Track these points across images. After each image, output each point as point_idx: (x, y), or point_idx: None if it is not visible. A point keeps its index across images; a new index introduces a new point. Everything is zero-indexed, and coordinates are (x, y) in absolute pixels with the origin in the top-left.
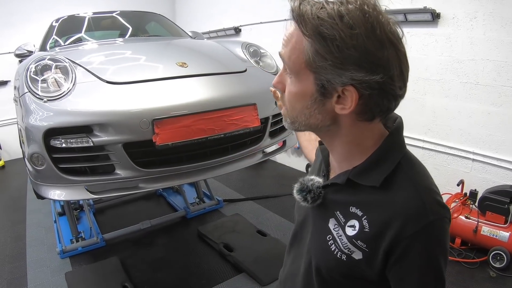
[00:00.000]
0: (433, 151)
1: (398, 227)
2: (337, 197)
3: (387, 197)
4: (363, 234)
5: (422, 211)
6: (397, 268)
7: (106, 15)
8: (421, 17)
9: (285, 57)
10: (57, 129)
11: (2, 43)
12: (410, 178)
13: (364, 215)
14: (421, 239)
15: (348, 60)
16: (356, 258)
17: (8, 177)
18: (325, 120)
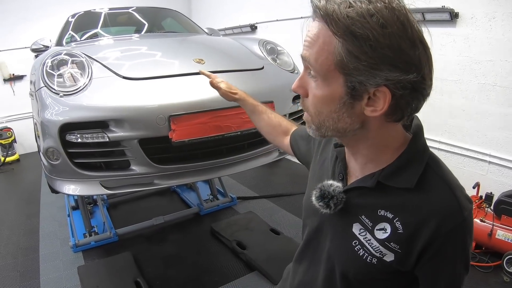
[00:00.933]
0: (449, 153)
1: (436, 225)
2: (361, 201)
3: (421, 197)
4: (396, 235)
5: (457, 208)
6: (432, 264)
7: (122, 11)
8: (439, 17)
9: (311, 59)
10: (72, 124)
11: (18, 38)
12: (441, 177)
13: (396, 217)
14: (457, 235)
15: (382, 60)
16: (387, 260)
17: (22, 171)
18: (354, 124)
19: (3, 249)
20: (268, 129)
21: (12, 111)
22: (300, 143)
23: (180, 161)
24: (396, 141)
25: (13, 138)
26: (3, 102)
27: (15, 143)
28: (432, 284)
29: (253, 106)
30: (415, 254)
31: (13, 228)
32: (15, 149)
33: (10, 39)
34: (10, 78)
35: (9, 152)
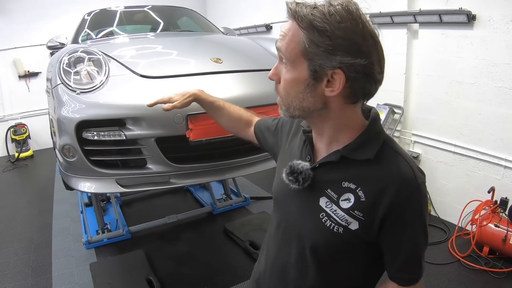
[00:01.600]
0: (464, 156)
1: (394, 192)
2: (326, 176)
3: (380, 168)
4: (359, 204)
5: (412, 176)
6: (393, 229)
7: (137, 10)
8: (456, 19)
9: (283, 49)
10: (89, 121)
11: (34, 35)
12: (396, 151)
13: (358, 187)
14: (414, 200)
15: (337, 47)
16: (352, 228)
17: (36, 167)
18: (316, 103)
19: (16, 244)
20: (230, 123)
21: (27, 108)
22: (266, 134)
23: (196, 161)
24: (356, 123)
25: (28, 134)
26: (18, 98)
27: (29, 139)
28: (394, 250)
29: (210, 103)
30: (377, 221)
31: (26, 223)
32: (29, 145)
33: (26, 36)
34: (25, 75)
35: (23, 148)
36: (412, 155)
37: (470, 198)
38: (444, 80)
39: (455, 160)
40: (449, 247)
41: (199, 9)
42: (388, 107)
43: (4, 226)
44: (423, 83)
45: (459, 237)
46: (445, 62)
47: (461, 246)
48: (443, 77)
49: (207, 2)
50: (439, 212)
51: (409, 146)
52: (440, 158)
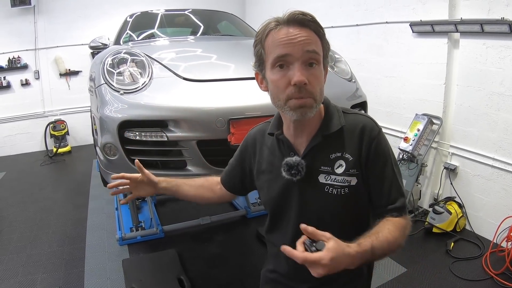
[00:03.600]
0: (502, 171)
1: (367, 138)
2: (315, 158)
3: (350, 128)
4: (350, 163)
5: (374, 124)
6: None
7: (178, 13)
8: (497, 29)
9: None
10: (132, 121)
11: (76, 35)
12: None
13: (343, 152)
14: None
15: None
16: (354, 184)
17: (73, 162)
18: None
19: (51, 236)
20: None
21: (67, 105)
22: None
23: None
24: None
25: (66, 130)
26: (59, 95)
27: (67, 136)
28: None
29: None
30: (364, 167)
31: (61, 217)
32: (67, 141)
33: (67, 35)
34: (66, 73)
35: (61, 143)
36: (449, 167)
37: (507, 214)
38: (485, 91)
39: (492, 174)
40: (483, 263)
41: (238, 13)
42: (427, 118)
43: (40, 219)
44: (463, 94)
45: (493, 254)
46: (486, 73)
47: (495, 263)
48: (483, 89)
49: (246, 5)
50: (474, 227)
51: (447, 158)
52: (478, 171)
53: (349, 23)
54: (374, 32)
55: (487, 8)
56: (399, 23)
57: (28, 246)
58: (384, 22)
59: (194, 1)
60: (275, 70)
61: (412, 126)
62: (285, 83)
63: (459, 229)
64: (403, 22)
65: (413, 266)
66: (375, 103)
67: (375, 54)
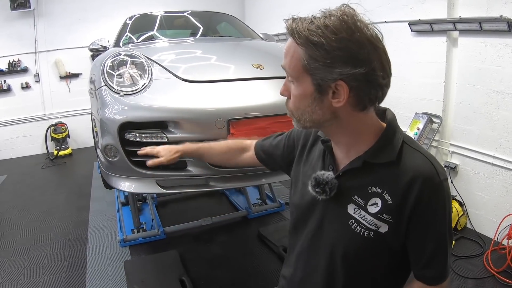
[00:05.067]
0: (503, 169)
1: (418, 189)
2: (352, 184)
3: (403, 168)
4: (387, 207)
5: (434, 173)
6: (419, 226)
7: (177, 15)
8: (496, 27)
9: (286, 66)
10: (132, 123)
11: (76, 38)
12: (416, 149)
13: (384, 190)
14: (437, 197)
15: (335, 59)
16: (382, 231)
17: (74, 165)
18: (325, 115)
19: (53, 239)
20: (222, 157)
21: (67, 107)
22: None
23: None
24: (371, 128)
25: (67, 133)
26: (59, 98)
27: (68, 138)
28: (419, 247)
29: (197, 150)
30: (405, 220)
31: (63, 219)
32: (68, 144)
33: (67, 38)
34: (66, 76)
35: (62, 146)
36: (450, 166)
37: (508, 212)
38: (484, 89)
39: (493, 172)
40: (484, 261)
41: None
42: (427, 116)
43: (41, 221)
44: (462, 92)
45: (494, 252)
46: (485, 71)
47: (497, 261)
48: (482, 87)
49: (245, 7)
50: (475, 225)
51: (447, 157)
52: (478, 169)
53: None
54: None
55: (486, 6)
56: (398, 22)
57: (30, 249)
58: (383, 22)
59: (193, 3)
60: None
61: (412, 125)
62: None
63: (460, 227)
64: (402, 21)
65: None
66: None
67: None
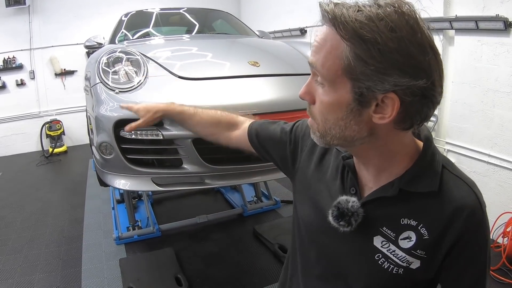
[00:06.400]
0: (498, 167)
1: (462, 224)
2: (380, 213)
3: (443, 199)
4: (422, 242)
5: (478, 205)
6: (457, 263)
7: (173, 11)
8: (492, 26)
9: (318, 64)
10: (127, 120)
11: (71, 34)
12: (458, 176)
13: (420, 223)
14: (480, 230)
15: (391, 64)
16: (414, 268)
17: (69, 162)
18: (361, 132)
19: (48, 237)
20: (206, 130)
21: (62, 105)
22: (267, 143)
23: (232, 162)
24: (408, 148)
25: (62, 130)
26: (54, 95)
27: (63, 136)
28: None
29: (180, 113)
30: (441, 257)
31: (58, 217)
32: (63, 141)
33: (63, 35)
34: (61, 73)
35: (57, 143)
36: None
37: (503, 210)
38: (480, 88)
39: (488, 171)
40: None
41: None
42: None
43: (36, 219)
44: (458, 91)
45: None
46: (481, 70)
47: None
48: (478, 85)
49: (241, 4)
50: None
51: None
52: (473, 168)
53: None
54: None
55: (482, 5)
56: None
57: (25, 247)
58: None
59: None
60: None
61: None
62: None
63: None
64: None
65: None
66: None
67: None
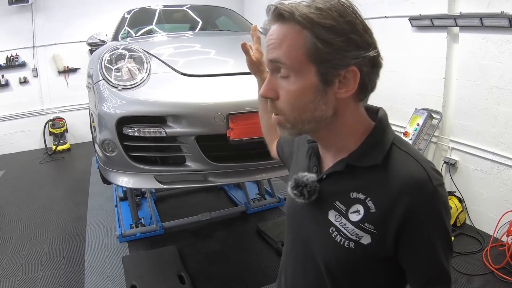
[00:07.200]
0: (502, 165)
1: (407, 199)
2: (334, 188)
3: (389, 173)
4: (369, 216)
5: (426, 179)
6: (412, 242)
7: (176, 9)
8: (497, 23)
9: (282, 58)
10: (130, 117)
11: (74, 32)
12: (407, 152)
13: (368, 197)
14: (431, 207)
15: (349, 42)
16: (364, 243)
17: (73, 160)
18: (328, 111)
19: (51, 234)
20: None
21: (65, 102)
22: (284, 147)
23: (235, 160)
24: (362, 126)
25: (65, 128)
26: (57, 93)
27: (66, 133)
28: (416, 265)
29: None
30: (392, 233)
31: (61, 214)
32: (66, 139)
33: (65, 33)
34: (64, 71)
35: (60, 141)
36: (449, 162)
37: (507, 209)
38: (484, 85)
39: (492, 169)
40: (483, 258)
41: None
42: (427, 112)
43: (39, 217)
44: (463, 88)
45: (494, 248)
46: (486, 67)
47: (496, 257)
48: (483, 83)
49: (245, 2)
50: (474, 221)
51: (447, 153)
52: (478, 166)
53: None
54: (373, 26)
55: (487, 2)
56: (398, 17)
57: (28, 244)
58: (383, 17)
59: None
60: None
61: (412, 121)
62: None
63: (459, 223)
64: (402, 16)
65: None
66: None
67: None
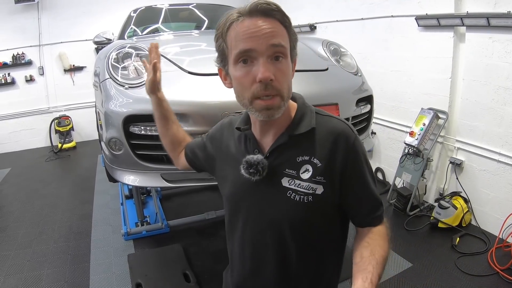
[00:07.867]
0: (509, 166)
1: (343, 147)
2: (280, 159)
3: (323, 132)
4: (318, 170)
5: (349, 129)
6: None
7: (182, 7)
8: (504, 22)
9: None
10: (137, 116)
11: (80, 31)
12: (327, 115)
13: (312, 156)
14: (358, 148)
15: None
16: (319, 193)
17: (78, 158)
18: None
19: (57, 232)
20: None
21: (71, 100)
22: (197, 152)
23: None
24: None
25: (71, 126)
26: (63, 91)
27: (72, 131)
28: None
29: (167, 112)
30: (337, 177)
31: (66, 212)
32: (72, 137)
33: (72, 31)
34: (70, 69)
35: (66, 139)
36: (455, 162)
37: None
38: (491, 85)
39: (498, 169)
40: (489, 258)
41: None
42: (433, 112)
43: (45, 215)
44: (469, 88)
45: (499, 249)
46: (492, 67)
47: (501, 258)
48: (489, 83)
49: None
50: (480, 222)
51: (453, 153)
52: (484, 166)
53: (354, 17)
54: (379, 26)
55: (493, 2)
56: (405, 16)
57: (34, 242)
58: (389, 16)
59: None
60: (238, 66)
61: (418, 121)
62: (250, 80)
63: (464, 224)
64: (409, 15)
65: (418, 261)
66: (381, 97)
67: (380, 48)
